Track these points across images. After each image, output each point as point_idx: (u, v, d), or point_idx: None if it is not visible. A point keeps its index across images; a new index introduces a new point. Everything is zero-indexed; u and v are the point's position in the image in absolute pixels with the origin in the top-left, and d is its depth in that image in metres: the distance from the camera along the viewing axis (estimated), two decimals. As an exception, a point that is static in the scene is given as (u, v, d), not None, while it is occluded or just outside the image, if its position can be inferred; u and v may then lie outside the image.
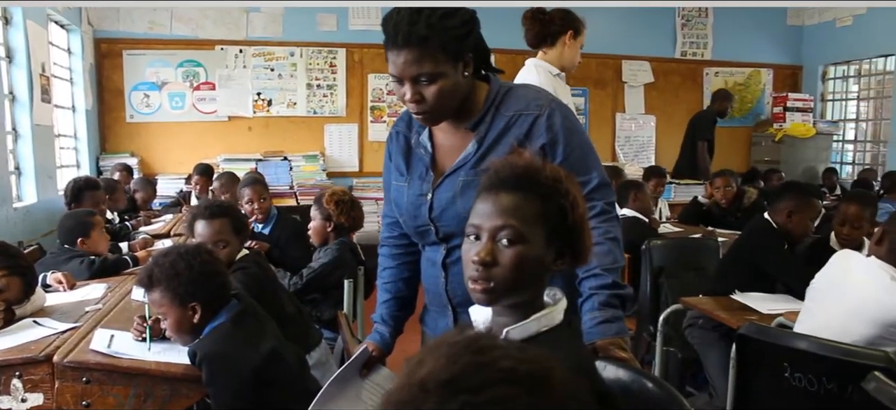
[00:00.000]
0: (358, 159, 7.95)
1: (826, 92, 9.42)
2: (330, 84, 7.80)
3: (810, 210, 3.36)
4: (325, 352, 3.00)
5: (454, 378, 0.78)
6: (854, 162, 9.36)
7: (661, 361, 3.44)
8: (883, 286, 2.26)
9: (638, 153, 8.80)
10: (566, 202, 1.32)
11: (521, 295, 1.35)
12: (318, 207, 3.83)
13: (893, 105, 8.28)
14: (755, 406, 2.45)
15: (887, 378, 1.81)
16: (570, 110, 1.85)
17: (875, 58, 8.71)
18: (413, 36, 1.63)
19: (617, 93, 8.76)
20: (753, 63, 9.25)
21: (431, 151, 1.87)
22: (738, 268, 3.38)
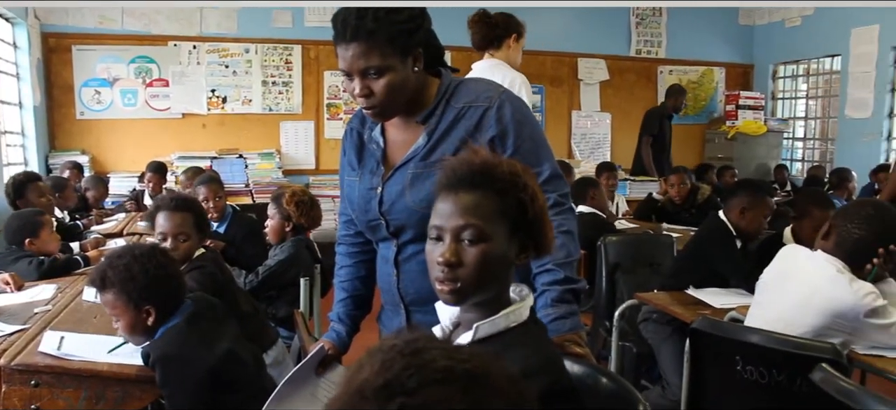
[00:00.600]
0: (314, 157, 7.90)
1: (776, 90, 9.61)
2: (285, 81, 7.74)
3: (763, 207, 3.42)
4: (281, 351, 2.97)
5: (390, 382, 0.79)
6: (804, 159, 9.56)
7: (617, 356, 3.47)
8: (829, 278, 2.31)
9: (594, 150, 8.88)
10: (525, 196, 1.33)
11: (487, 292, 1.36)
12: (277, 206, 3.79)
13: (840, 103, 8.47)
14: (708, 399, 2.48)
15: (833, 370, 1.85)
16: (522, 102, 1.85)
17: (822, 57, 8.90)
18: (361, 30, 1.64)
19: (573, 90, 8.83)
20: (706, 61, 9.40)
21: (383, 146, 1.87)
22: (693, 265, 3.43)
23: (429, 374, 0.79)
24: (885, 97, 7.91)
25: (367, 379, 0.80)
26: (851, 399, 1.73)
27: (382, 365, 0.81)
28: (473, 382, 0.80)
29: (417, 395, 0.77)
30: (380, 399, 0.78)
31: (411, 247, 1.82)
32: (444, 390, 0.78)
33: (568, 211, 1.81)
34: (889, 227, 2.40)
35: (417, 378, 0.79)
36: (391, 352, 0.82)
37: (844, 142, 8.46)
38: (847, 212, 2.44)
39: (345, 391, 0.82)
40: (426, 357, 0.81)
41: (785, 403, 2.20)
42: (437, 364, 0.80)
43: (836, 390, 1.79)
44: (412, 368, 0.80)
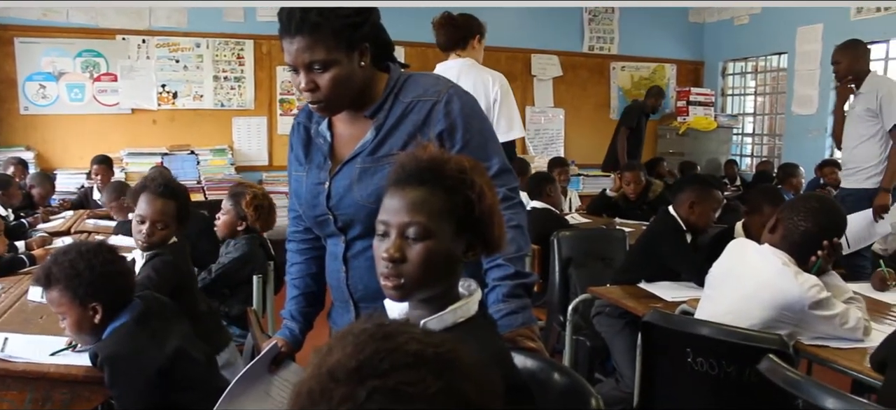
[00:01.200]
0: (267, 153, 7.80)
1: (726, 87, 9.77)
2: (238, 76, 7.63)
3: (711, 201, 3.47)
4: (233, 354, 2.93)
5: (362, 366, 0.79)
6: (753, 154, 9.74)
7: (571, 349, 3.50)
8: (776, 271, 2.36)
9: (547, 146, 8.94)
10: (472, 193, 1.33)
11: (433, 288, 1.36)
12: (234, 204, 3.73)
13: (787, 100, 8.65)
14: (660, 390, 2.52)
15: (780, 360, 1.89)
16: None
17: (770, 55, 9.08)
18: (305, 23, 1.62)
19: (526, 86, 8.86)
20: (658, 58, 9.52)
21: (330, 140, 1.85)
22: (644, 259, 3.47)
23: (400, 357, 0.80)
24: (829, 94, 8.09)
25: (338, 362, 0.80)
26: (797, 388, 1.77)
27: (354, 348, 0.81)
28: (445, 365, 0.81)
29: (389, 378, 0.78)
30: (351, 382, 0.78)
31: (360, 243, 1.81)
32: (415, 373, 0.79)
33: (517, 205, 1.81)
34: (832, 221, 2.45)
35: (389, 362, 0.79)
36: (362, 336, 0.82)
37: (791, 138, 8.64)
38: (793, 207, 2.48)
39: (315, 372, 0.82)
40: (397, 341, 0.81)
41: (734, 393, 2.24)
42: (408, 347, 0.81)
43: (782, 380, 1.82)
44: (384, 351, 0.80)
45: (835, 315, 2.33)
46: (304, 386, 0.82)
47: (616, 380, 3.40)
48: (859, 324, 2.35)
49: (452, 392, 0.80)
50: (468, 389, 0.82)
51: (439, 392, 0.79)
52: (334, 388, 0.79)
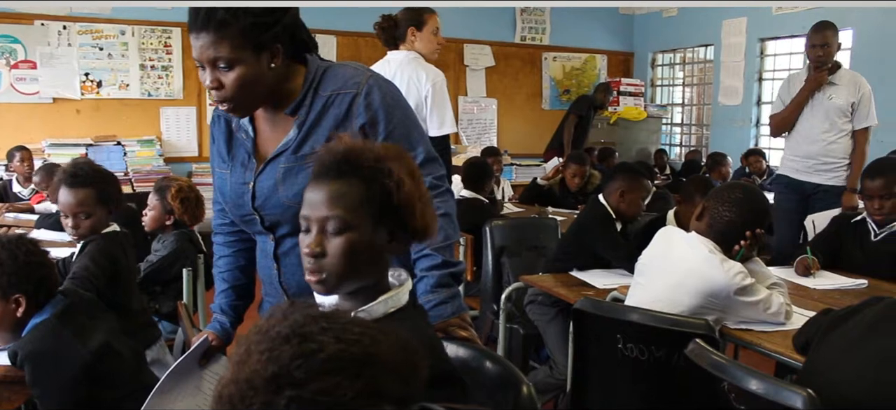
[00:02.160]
0: (197, 144, 7.64)
1: (655, 77, 9.96)
2: (165, 65, 7.44)
3: (641, 189, 3.52)
4: (161, 351, 2.87)
5: (278, 374, 0.78)
6: (682, 143, 9.95)
7: (505, 338, 3.52)
8: (702, 258, 2.41)
9: (480, 135, 8.98)
10: (390, 181, 1.31)
11: (358, 280, 1.35)
12: (160, 198, 3.64)
13: (714, 91, 8.87)
14: (592, 376, 2.55)
15: (706, 345, 1.93)
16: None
17: (697, 47, 9.29)
18: (211, 19, 1.58)
19: (459, 76, 8.88)
20: (589, 49, 9.64)
21: (253, 137, 1.80)
22: (576, 248, 3.50)
23: (316, 363, 0.78)
24: (753, 86, 8.33)
25: (255, 371, 0.79)
26: (722, 371, 1.81)
27: (270, 355, 0.79)
28: (364, 366, 0.80)
29: (307, 386, 0.77)
30: (269, 392, 0.77)
31: (289, 240, 1.78)
32: (334, 379, 0.78)
33: (445, 193, 1.80)
34: (756, 210, 2.52)
35: (305, 369, 0.78)
36: (278, 340, 0.80)
37: (718, 128, 8.87)
38: (718, 196, 2.54)
39: (233, 379, 0.80)
40: (313, 345, 0.80)
41: (663, 378, 2.28)
42: (325, 351, 0.79)
43: (708, 363, 1.86)
44: (301, 358, 0.78)
45: (759, 300, 2.39)
46: (225, 390, 0.81)
47: (550, 368, 3.44)
48: (781, 309, 2.41)
49: (373, 391, 0.80)
50: (389, 384, 0.81)
51: (359, 394, 0.78)
52: (253, 396, 0.78)
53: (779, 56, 8.24)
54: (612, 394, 2.50)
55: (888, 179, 3.24)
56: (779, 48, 8.22)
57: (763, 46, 8.29)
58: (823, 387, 1.68)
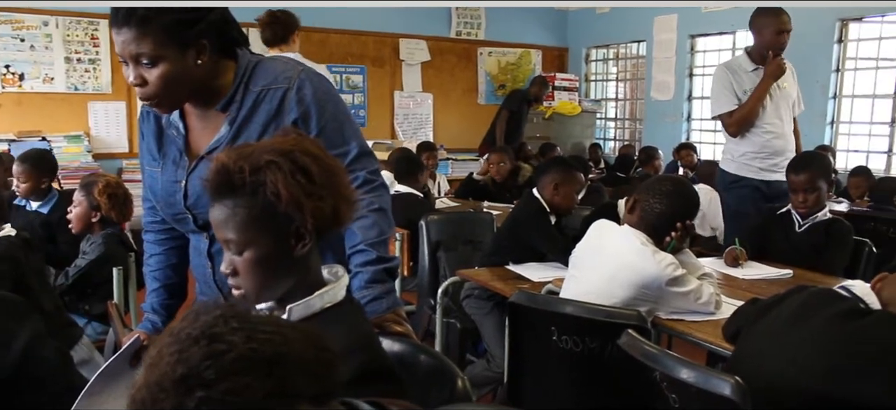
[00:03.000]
0: (127, 139, 7.44)
1: (589, 73, 10.10)
2: (92, 58, 7.22)
3: (574, 183, 3.56)
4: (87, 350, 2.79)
5: (187, 375, 0.77)
6: (615, 138, 10.11)
7: (442, 332, 3.53)
8: (635, 251, 2.45)
9: (416, 130, 8.97)
10: (268, 194, 1.28)
11: (279, 287, 1.35)
12: (86, 194, 3.53)
13: (646, 86, 9.03)
14: (528, 369, 2.57)
15: (638, 335, 1.96)
16: (323, 79, 1.80)
17: (629, 42, 9.44)
18: (133, 15, 1.54)
19: (395, 71, 8.86)
20: (524, 44, 9.72)
21: (184, 133, 1.76)
22: (511, 242, 3.52)
23: (227, 364, 0.77)
24: (684, 81, 8.52)
25: (165, 372, 0.77)
26: (654, 361, 1.84)
27: (179, 357, 0.78)
28: (274, 364, 0.79)
29: (217, 386, 0.76)
30: (179, 394, 0.76)
31: None
32: (244, 378, 0.77)
33: (379, 188, 1.79)
34: (686, 202, 2.57)
35: (215, 369, 0.76)
36: (188, 341, 0.79)
37: (650, 123, 9.04)
38: (649, 188, 2.58)
39: (144, 382, 0.79)
40: (222, 346, 0.78)
41: (597, 369, 2.31)
42: (235, 351, 0.78)
43: (640, 354, 1.89)
44: (210, 358, 0.77)
45: (689, 291, 2.44)
46: (137, 394, 0.80)
47: (487, 361, 3.45)
48: (712, 299, 2.47)
49: (285, 390, 0.79)
50: (302, 382, 0.80)
51: (270, 393, 0.77)
52: (163, 399, 0.77)
53: (708, 52, 8.44)
54: (548, 386, 2.53)
55: (812, 174, 3.34)
56: (708, 45, 8.42)
57: (693, 43, 8.48)
58: (751, 374, 1.72)
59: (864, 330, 1.78)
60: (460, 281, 3.44)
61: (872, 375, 1.73)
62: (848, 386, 1.74)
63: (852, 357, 1.75)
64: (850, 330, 1.78)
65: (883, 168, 6.89)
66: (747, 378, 1.68)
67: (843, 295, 1.90)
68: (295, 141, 1.34)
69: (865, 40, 7.00)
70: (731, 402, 1.65)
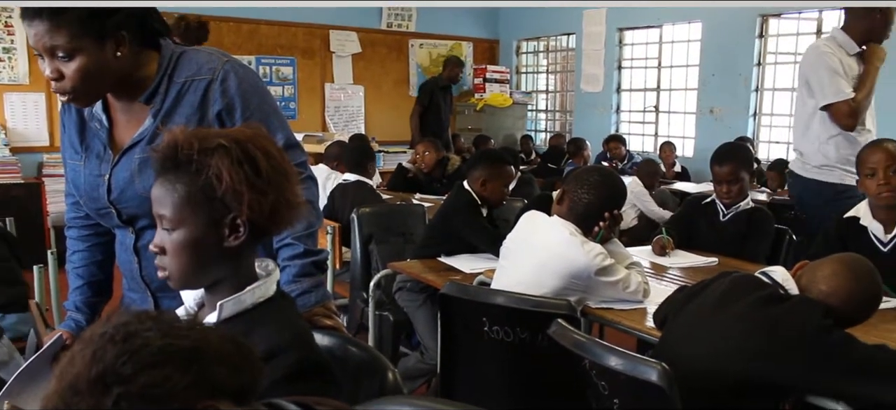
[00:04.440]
0: (47, 133, 7.16)
1: (520, 65, 10.17)
2: (6, 47, 6.91)
3: (504, 177, 3.58)
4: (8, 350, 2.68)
5: (104, 373, 0.75)
6: (546, 129, 10.21)
7: (375, 326, 3.52)
8: (564, 241, 2.47)
9: (348, 123, 8.91)
10: (209, 175, 1.26)
11: (209, 275, 1.33)
12: None
13: (576, 78, 9.15)
14: (460, 360, 2.58)
15: (568, 324, 1.99)
16: (249, 70, 1.77)
17: (559, 35, 9.54)
18: (45, 8, 1.49)
19: (325, 62, 8.78)
20: (455, 36, 9.73)
21: (108, 126, 1.72)
22: (443, 234, 3.53)
23: (144, 357, 0.76)
24: (613, 73, 8.66)
25: (79, 374, 0.76)
26: (583, 349, 1.87)
27: (94, 356, 0.76)
28: (192, 357, 0.78)
29: (134, 381, 0.74)
30: (95, 394, 0.74)
31: (150, 233, 1.70)
32: (161, 371, 0.75)
33: (307, 180, 1.76)
34: (613, 192, 2.61)
35: (132, 365, 0.75)
36: (102, 341, 0.77)
37: (580, 114, 9.16)
38: (577, 179, 2.62)
39: (57, 387, 0.77)
40: (139, 342, 0.77)
41: (529, 359, 2.34)
42: (151, 346, 0.77)
43: (570, 343, 1.92)
44: (126, 354, 0.76)
45: (618, 280, 2.48)
46: (49, 403, 0.77)
47: (421, 353, 3.46)
48: (640, 288, 2.52)
49: (204, 382, 0.78)
50: (221, 374, 0.80)
51: (189, 386, 0.76)
52: (78, 402, 0.75)
53: (636, 45, 8.59)
54: (481, 376, 2.54)
55: (735, 165, 3.42)
56: (636, 38, 8.57)
57: (621, 36, 8.62)
58: (676, 359, 1.76)
59: (783, 316, 1.84)
60: (392, 273, 3.44)
61: (791, 358, 1.80)
62: (768, 369, 1.80)
63: (772, 341, 1.81)
64: (770, 315, 1.85)
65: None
66: (673, 363, 1.72)
67: (764, 281, 1.97)
68: (253, 134, 1.32)
69: (784, 36, 7.22)
70: (657, 388, 1.69)
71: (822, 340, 1.81)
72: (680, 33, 8.11)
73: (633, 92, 8.71)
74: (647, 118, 8.57)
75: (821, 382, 1.83)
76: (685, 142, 7.93)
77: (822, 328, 1.82)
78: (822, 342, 1.80)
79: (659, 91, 8.40)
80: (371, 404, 1.33)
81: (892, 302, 2.49)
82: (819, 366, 1.80)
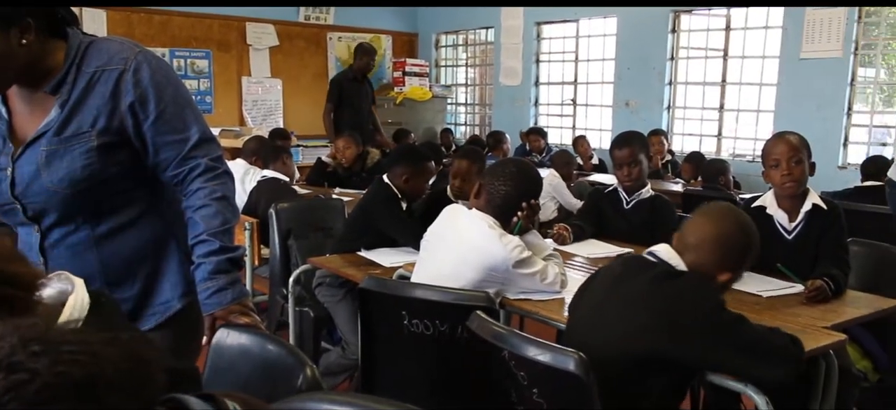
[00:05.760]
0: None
1: (439, 58, 10.20)
2: None
3: (425, 173, 3.59)
4: None
5: None
6: (466, 122, 10.27)
7: (295, 322, 3.48)
8: (482, 234, 2.49)
9: (266, 117, 8.78)
10: None
11: None
12: None
13: (495, 72, 9.22)
14: (381, 354, 2.57)
15: (487, 316, 2.00)
16: (162, 62, 1.72)
17: (478, 28, 9.60)
18: None
19: (242, 55, 8.63)
20: (374, 29, 9.69)
21: (8, 118, 1.65)
22: (363, 228, 3.51)
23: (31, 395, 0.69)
24: (531, 67, 8.76)
25: None
26: (501, 341, 1.89)
27: None
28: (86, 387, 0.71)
29: None
30: None
31: (57, 231, 1.66)
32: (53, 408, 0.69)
33: (222, 175, 1.73)
34: (529, 183, 2.64)
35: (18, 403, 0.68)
36: None
37: (500, 107, 9.24)
38: (493, 172, 2.64)
39: None
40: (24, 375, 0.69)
41: (449, 351, 2.34)
42: (40, 379, 0.70)
43: (489, 334, 1.94)
44: (11, 390, 0.68)
45: (535, 271, 2.51)
46: None
47: (342, 349, 3.43)
48: (557, 279, 2.55)
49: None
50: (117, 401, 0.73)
51: None
52: None
53: (554, 39, 8.71)
54: (402, 370, 2.54)
55: (633, 148, 3.52)
56: (554, 32, 8.69)
57: (539, 30, 8.73)
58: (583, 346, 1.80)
59: (677, 295, 1.90)
60: (312, 269, 3.40)
61: (686, 338, 1.86)
62: (666, 347, 1.86)
63: (669, 321, 1.87)
64: (664, 294, 1.91)
65: (714, 149, 7.36)
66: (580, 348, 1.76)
67: (650, 260, 2.02)
68: None
69: (696, 31, 7.44)
70: (575, 376, 1.72)
71: (716, 320, 1.87)
72: (596, 28, 8.27)
73: (551, 85, 8.83)
74: (566, 111, 8.70)
75: (711, 360, 1.91)
76: (602, 135, 8.10)
77: (716, 307, 1.89)
78: (716, 322, 1.87)
79: (576, 84, 8.55)
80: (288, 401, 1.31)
81: (797, 287, 2.61)
82: (712, 345, 1.87)
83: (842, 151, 6.42)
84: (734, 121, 7.41)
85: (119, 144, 1.64)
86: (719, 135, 7.41)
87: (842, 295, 2.60)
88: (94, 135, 1.60)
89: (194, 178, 1.68)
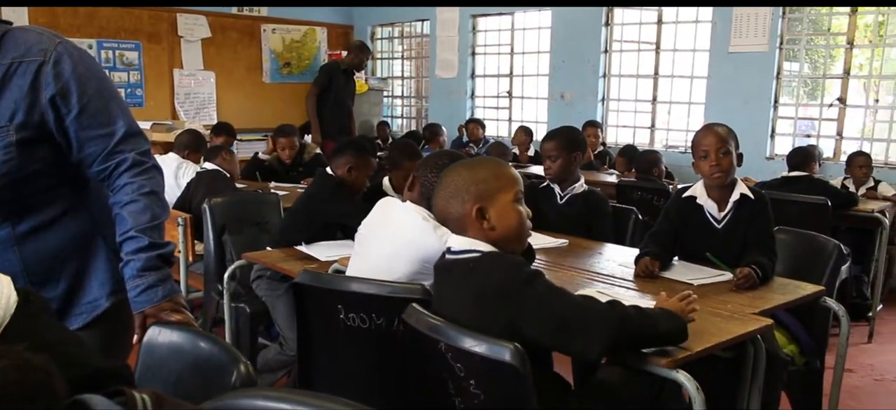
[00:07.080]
0: None
1: (375, 51, 10.15)
2: None
3: (367, 167, 3.60)
4: None
5: None
6: (403, 115, 10.26)
7: (231, 318, 3.43)
8: (417, 226, 2.49)
9: (199, 110, 8.62)
10: None
11: None
12: None
13: (431, 64, 9.23)
14: (319, 349, 2.55)
15: (423, 309, 2.01)
16: (84, 53, 1.67)
17: (414, 21, 9.59)
18: None
19: (173, 47, 8.45)
20: (309, 21, 9.59)
21: None
22: (304, 221, 3.48)
23: None
24: (467, 59, 8.79)
25: None
26: (438, 332, 1.89)
27: None
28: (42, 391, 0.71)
29: None
30: None
31: None
32: None
33: (150, 169, 1.70)
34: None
35: None
36: None
37: (436, 100, 9.25)
38: (427, 164, 2.64)
39: None
40: None
41: (387, 345, 2.34)
42: None
43: (425, 327, 1.94)
44: None
45: (470, 263, 2.52)
46: None
47: (280, 344, 3.41)
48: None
49: None
50: None
51: None
52: None
53: (489, 32, 8.75)
54: (340, 364, 2.53)
55: (557, 142, 3.60)
56: (489, 24, 8.73)
57: (475, 22, 8.76)
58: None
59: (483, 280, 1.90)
60: (248, 264, 3.36)
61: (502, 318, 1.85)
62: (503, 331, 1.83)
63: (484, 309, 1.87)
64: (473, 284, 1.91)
65: (647, 141, 7.50)
66: None
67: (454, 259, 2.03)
68: None
69: (629, 25, 7.56)
70: (511, 367, 1.73)
71: (526, 293, 1.85)
72: (531, 21, 8.33)
73: (487, 78, 8.87)
74: (501, 103, 8.76)
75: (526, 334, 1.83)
76: (538, 127, 8.17)
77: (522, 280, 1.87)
78: (526, 294, 1.85)
79: (512, 77, 8.61)
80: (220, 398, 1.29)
81: (726, 275, 2.68)
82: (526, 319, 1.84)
83: (769, 142, 6.60)
84: (666, 113, 7.56)
85: (40, 139, 1.59)
86: (652, 127, 7.55)
87: (769, 282, 2.67)
88: (13, 130, 1.56)
89: (121, 173, 1.64)
